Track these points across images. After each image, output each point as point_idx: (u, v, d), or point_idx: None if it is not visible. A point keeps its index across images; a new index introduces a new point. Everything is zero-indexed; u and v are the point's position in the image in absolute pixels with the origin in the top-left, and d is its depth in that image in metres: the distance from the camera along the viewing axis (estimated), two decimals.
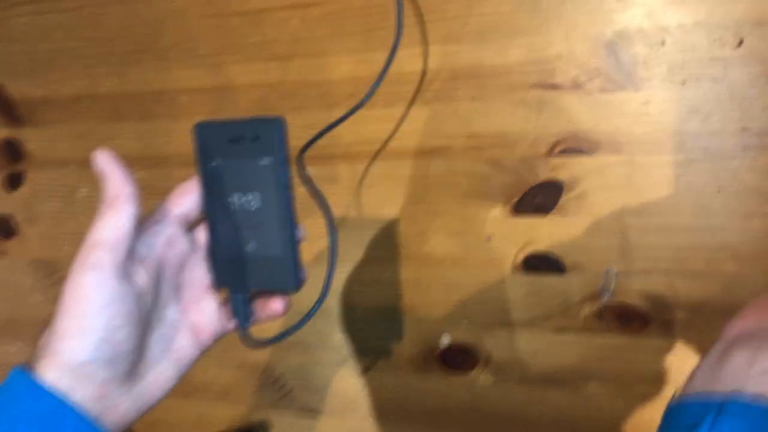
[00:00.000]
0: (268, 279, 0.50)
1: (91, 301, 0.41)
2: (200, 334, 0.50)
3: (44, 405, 0.40)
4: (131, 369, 0.44)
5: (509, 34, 0.70)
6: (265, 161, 0.47)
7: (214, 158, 0.48)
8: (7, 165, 0.95)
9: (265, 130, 0.47)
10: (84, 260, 0.42)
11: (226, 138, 0.48)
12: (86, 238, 0.43)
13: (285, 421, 0.88)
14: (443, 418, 0.81)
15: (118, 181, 0.45)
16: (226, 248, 0.50)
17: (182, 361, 0.49)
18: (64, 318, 0.42)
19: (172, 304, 0.49)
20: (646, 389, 0.72)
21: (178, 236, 0.48)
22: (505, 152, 0.72)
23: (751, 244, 0.66)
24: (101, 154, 0.46)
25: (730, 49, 0.64)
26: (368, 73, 0.76)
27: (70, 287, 0.42)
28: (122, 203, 0.44)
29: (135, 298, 0.44)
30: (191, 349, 0.50)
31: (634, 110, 0.67)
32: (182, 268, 0.49)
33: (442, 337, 0.79)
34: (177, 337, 0.49)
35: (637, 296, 0.70)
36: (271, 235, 0.49)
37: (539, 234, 0.73)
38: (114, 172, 0.45)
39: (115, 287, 0.42)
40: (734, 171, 0.65)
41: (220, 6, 0.81)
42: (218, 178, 0.49)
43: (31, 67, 0.91)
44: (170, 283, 0.49)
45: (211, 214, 0.49)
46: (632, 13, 0.66)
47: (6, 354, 1.01)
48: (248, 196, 0.48)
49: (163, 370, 0.48)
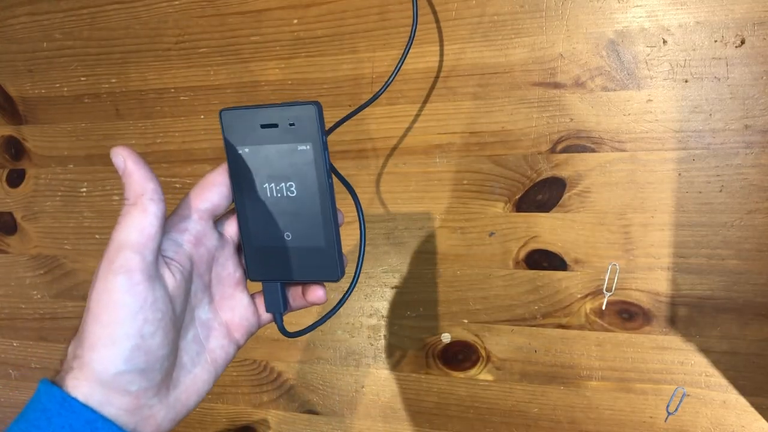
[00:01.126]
0: (310, 270, 0.48)
1: (122, 306, 0.39)
2: (234, 332, 0.48)
3: (77, 421, 0.38)
4: (166, 376, 0.42)
5: (512, 34, 0.70)
6: (303, 147, 0.45)
7: (245, 145, 0.46)
8: (8, 162, 0.95)
9: (302, 114, 0.45)
10: (111, 263, 0.40)
11: (258, 124, 0.46)
12: (111, 239, 0.41)
13: (285, 420, 0.88)
14: (443, 415, 0.81)
15: (141, 178, 0.41)
16: (261, 239, 0.48)
17: (217, 362, 0.47)
18: (93, 326, 0.39)
19: (204, 304, 0.47)
20: (648, 386, 0.72)
21: (206, 232, 0.46)
22: (508, 149, 0.72)
23: (754, 241, 0.66)
24: (119, 150, 0.42)
25: (732, 48, 0.64)
26: (368, 72, 0.76)
27: (97, 292, 0.40)
28: (147, 201, 0.41)
29: (166, 301, 0.41)
30: (226, 349, 0.48)
31: (637, 108, 0.68)
32: (212, 265, 0.47)
33: (442, 335, 0.79)
34: (211, 338, 0.47)
35: (639, 293, 0.71)
36: (311, 224, 0.47)
37: (541, 230, 0.73)
38: (136, 169, 0.42)
39: (145, 291, 0.40)
40: (737, 168, 0.66)
41: (220, 6, 0.81)
42: (250, 166, 0.47)
43: (31, 67, 0.91)
44: (201, 281, 0.46)
45: (243, 204, 0.47)
46: (634, 12, 0.66)
47: (6, 350, 1.01)
48: (284, 183, 0.46)
49: (199, 373, 0.46)
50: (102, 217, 0.91)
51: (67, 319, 0.96)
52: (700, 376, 0.70)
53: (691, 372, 0.70)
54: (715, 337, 0.69)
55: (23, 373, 1.00)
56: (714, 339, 0.69)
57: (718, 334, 0.69)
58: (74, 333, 0.41)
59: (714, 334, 0.69)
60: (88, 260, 0.93)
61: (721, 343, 0.69)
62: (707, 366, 0.70)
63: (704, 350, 0.70)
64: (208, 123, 0.84)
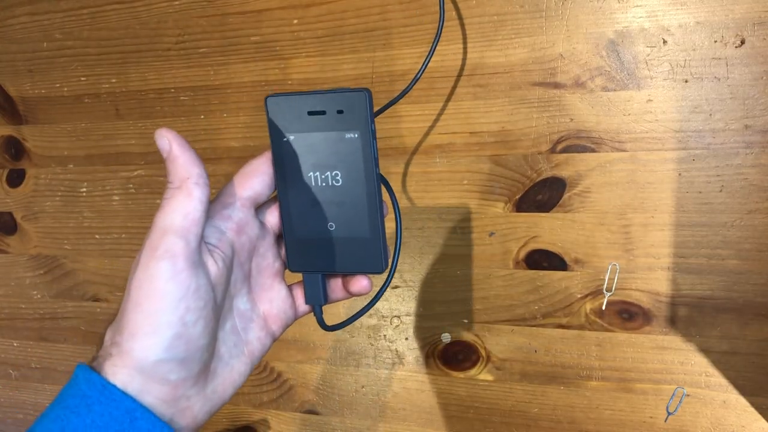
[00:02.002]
0: (353, 261, 0.47)
1: (165, 294, 0.38)
2: (271, 324, 0.48)
3: (117, 410, 0.37)
4: (204, 367, 0.42)
5: (512, 34, 0.70)
6: (351, 135, 0.44)
7: (290, 132, 0.45)
8: (8, 162, 0.95)
9: (351, 102, 0.44)
10: (154, 248, 0.38)
11: (305, 110, 0.45)
12: (154, 224, 0.39)
13: (285, 420, 0.88)
14: (443, 415, 0.81)
15: (186, 161, 0.40)
16: (303, 230, 0.47)
17: (254, 354, 0.46)
18: (134, 313, 0.38)
19: (243, 294, 0.46)
20: (648, 386, 0.72)
21: (248, 220, 0.45)
22: (508, 149, 0.72)
23: (754, 241, 0.66)
24: (164, 132, 0.41)
25: (732, 48, 0.64)
26: (368, 72, 0.76)
27: (139, 278, 0.38)
28: (193, 185, 0.40)
29: (209, 289, 0.40)
30: (263, 341, 0.47)
31: (637, 108, 0.68)
32: (252, 255, 0.46)
33: (442, 335, 0.79)
34: (248, 329, 0.46)
35: (639, 292, 0.71)
36: (356, 214, 0.46)
37: (541, 230, 0.73)
38: (181, 152, 0.41)
39: (189, 278, 0.38)
40: (737, 168, 0.66)
41: (220, 6, 0.81)
42: (295, 154, 0.46)
43: (31, 67, 0.91)
44: (241, 270, 0.46)
45: (286, 193, 0.46)
46: (634, 12, 0.66)
47: (6, 350, 1.01)
48: (330, 172, 0.45)
49: (236, 365, 0.45)
50: (102, 217, 0.91)
51: (67, 319, 0.96)
52: (700, 376, 0.70)
53: (691, 372, 0.70)
54: (715, 337, 0.69)
55: (23, 373, 1.00)
56: (714, 339, 0.69)
57: (718, 334, 0.69)
58: (111, 319, 0.40)
59: (714, 334, 0.69)
60: (88, 260, 0.93)
61: (721, 343, 0.69)
62: (707, 366, 0.70)
63: (704, 350, 0.70)
64: (208, 123, 0.84)
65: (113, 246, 0.91)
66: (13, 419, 1.03)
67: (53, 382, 0.99)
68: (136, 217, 0.89)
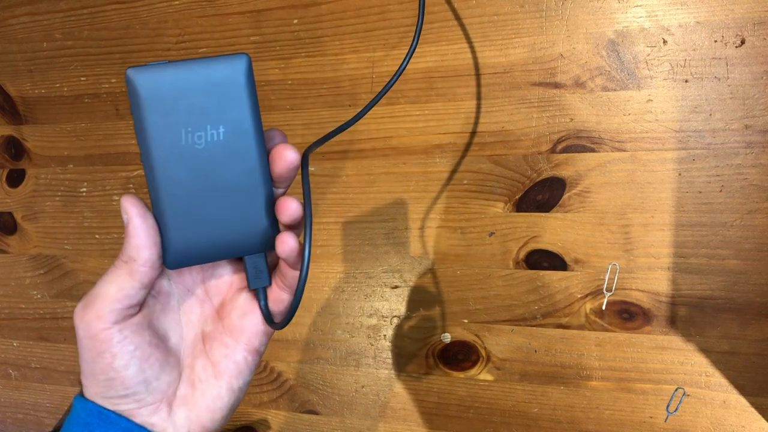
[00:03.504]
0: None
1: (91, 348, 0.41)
2: (240, 336, 0.46)
3: (116, 429, 0.41)
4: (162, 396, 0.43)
5: (512, 34, 0.70)
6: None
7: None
8: (8, 162, 0.95)
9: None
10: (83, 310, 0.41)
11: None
12: (94, 286, 0.42)
13: (285, 420, 0.88)
14: (443, 415, 0.81)
15: (138, 244, 0.40)
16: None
17: (228, 372, 0.45)
18: (80, 360, 0.42)
19: (206, 316, 0.46)
20: (648, 386, 0.72)
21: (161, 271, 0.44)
22: (508, 149, 0.72)
23: (754, 241, 0.66)
24: (127, 205, 0.41)
25: (732, 48, 0.64)
26: (368, 72, 0.76)
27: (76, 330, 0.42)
28: (138, 267, 0.41)
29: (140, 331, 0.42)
30: (234, 357, 0.46)
31: (637, 108, 0.68)
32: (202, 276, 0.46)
33: (442, 335, 0.79)
34: (214, 349, 0.46)
35: (639, 293, 0.71)
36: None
37: (541, 230, 0.73)
38: (136, 232, 0.40)
39: (111, 334, 0.40)
40: (737, 168, 0.66)
41: (220, 6, 0.81)
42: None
43: (31, 67, 0.91)
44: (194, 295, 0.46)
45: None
46: (634, 12, 0.67)
47: (6, 350, 1.01)
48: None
49: (208, 389, 0.45)
50: (102, 217, 0.91)
51: (67, 319, 0.96)
52: (700, 376, 0.70)
53: (691, 372, 0.70)
54: (715, 337, 0.69)
55: (23, 373, 1.00)
56: (714, 339, 0.69)
57: (718, 334, 0.69)
58: None
59: (714, 334, 0.69)
60: (88, 260, 0.93)
61: (721, 343, 0.69)
62: (707, 366, 0.70)
63: (704, 350, 0.70)
64: None
65: (113, 246, 0.91)
66: (13, 419, 1.03)
67: (53, 382, 0.99)
68: None
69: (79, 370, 0.97)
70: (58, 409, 1.00)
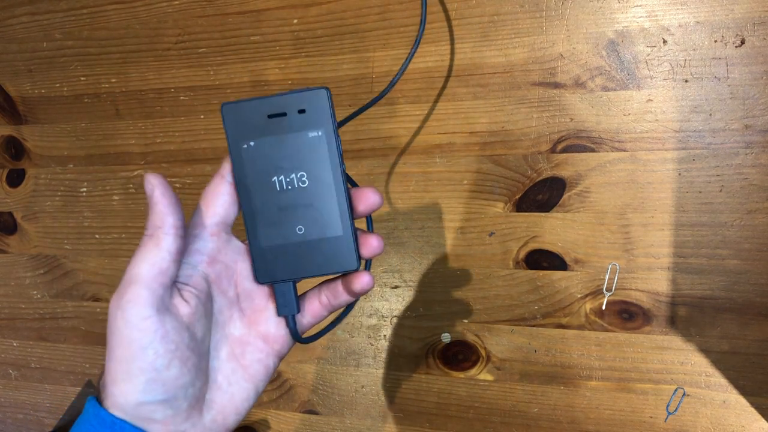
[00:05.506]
0: (325, 262, 0.46)
1: (131, 342, 0.39)
2: (273, 344, 0.47)
3: None
4: (195, 401, 0.42)
5: (512, 34, 0.70)
6: (315, 133, 0.44)
7: (250, 138, 0.44)
8: (8, 162, 0.95)
9: (312, 100, 0.44)
10: (120, 297, 0.40)
11: (264, 114, 0.44)
12: (125, 272, 0.41)
13: (285, 420, 0.88)
14: (443, 415, 0.81)
15: (163, 210, 0.41)
16: (270, 237, 0.46)
17: (257, 376, 0.46)
18: (110, 360, 0.40)
19: (235, 319, 0.46)
20: (648, 386, 0.72)
21: (220, 247, 0.45)
22: (508, 149, 0.72)
23: (754, 241, 0.66)
24: (151, 177, 0.41)
25: (732, 48, 0.64)
26: (368, 72, 0.76)
27: (109, 328, 0.40)
28: (163, 235, 0.41)
29: (180, 331, 0.41)
30: (265, 362, 0.46)
31: (637, 108, 0.68)
32: (235, 279, 0.46)
33: (442, 335, 0.79)
34: (246, 353, 0.46)
35: (639, 293, 0.71)
36: (325, 213, 0.45)
37: (541, 230, 0.73)
38: (161, 199, 0.41)
39: (154, 324, 0.39)
40: (737, 168, 0.66)
41: (220, 6, 0.81)
42: (256, 160, 0.45)
43: (31, 67, 0.91)
44: (224, 297, 0.46)
45: (250, 202, 0.45)
46: (634, 12, 0.67)
47: (6, 350, 1.01)
48: (295, 174, 0.45)
49: (237, 391, 0.45)
50: (102, 217, 0.91)
51: (67, 319, 0.96)
52: (700, 376, 0.70)
53: (691, 372, 0.70)
54: (715, 337, 0.69)
55: (23, 373, 1.00)
56: (714, 339, 0.69)
57: (718, 334, 0.69)
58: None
59: (714, 334, 0.69)
60: (88, 260, 0.93)
61: (721, 343, 0.69)
62: (707, 366, 0.70)
63: (704, 350, 0.70)
64: (208, 123, 0.84)
65: (113, 246, 0.91)
66: (13, 419, 1.03)
67: (53, 382, 0.99)
68: (136, 217, 0.89)
69: (79, 369, 0.97)
70: (58, 408, 1.00)
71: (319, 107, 0.44)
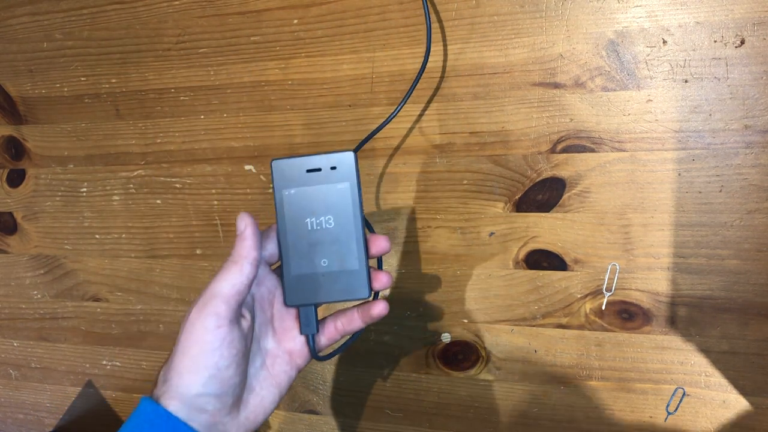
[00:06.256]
0: (342, 290, 0.55)
1: (205, 343, 0.49)
2: (296, 358, 0.57)
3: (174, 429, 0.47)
4: (237, 399, 0.52)
5: (512, 34, 0.70)
6: (342, 185, 0.55)
7: (291, 187, 0.55)
8: (8, 162, 0.95)
9: (342, 160, 0.55)
10: (203, 307, 0.50)
11: (304, 169, 0.55)
12: (208, 287, 0.51)
13: (285, 420, 0.88)
14: (443, 415, 0.81)
15: (250, 245, 0.52)
16: (299, 267, 0.55)
17: (281, 384, 0.56)
18: (181, 356, 0.49)
19: (269, 335, 0.56)
20: (648, 386, 0.72)
21: (265, 275, 0.56)
22: (508, 149, 0.72)
23: (754, 241, 0.66)
24: (245, 217, 0.53)
25: (732, 48, 0.64)
26: (368, 72, 0.76)
27: (188, 329, 0.50)
28: (247, 264, 0.51)
29: (242, 339, 0.51)
30: (289, 373, 0.56)
31: (637, 108, 0.68)
32: (273, 302, 0.57)
33: (442, 335, 0.79)
34: (275, 365, 0.56)
35: (639, 293, 0.71)
36: (346, 249, 0.55)
37: (541, 230, 0.73)
38: (250, 236, 0.52)
39: (226, 333, 0.49)
40: (737, 168, 0.66)
41: (220, 6, 0.81)
42: (294, 204, 0.55)
43: (31, 67, 0.91)
44: (263, 315, 0.56)
45: (286, 238, 0.55)
46: (634, 12, 0.67)
47: (6, 350, 1.01)
48: (324, 217, 0.55)
49: (266, 395, 0.55)
50: (102, 217, 0.91)
51: (67, 319, 0.96)
52: (700, 376, 0.70)
53: (691, 372, 0.71)
54: (715, 337, 0.69)
55: (23, 373, 1.01)
56: (714, 339, 0.69)
57: (718, 334, 0.69)
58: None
59: (714, 334, 0.69)
60: (88, 260, 0.93)
61: (721, 343, 0.69)
62: (707, 366, 0.70)
63: (704, 350, 0.70)
64: (208, 123, 0.84)
65: (113, 246, 0.91)
66: (13, 419, 1.03)
67: (53, 382, 0.99)
68: (136, 217, 0.90)
69: (79, 369, 0.97)
70: (59, 408, 1.00)
71: (347, 165, 0.55)
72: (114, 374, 0.96)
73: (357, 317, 0.58)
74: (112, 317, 0.93)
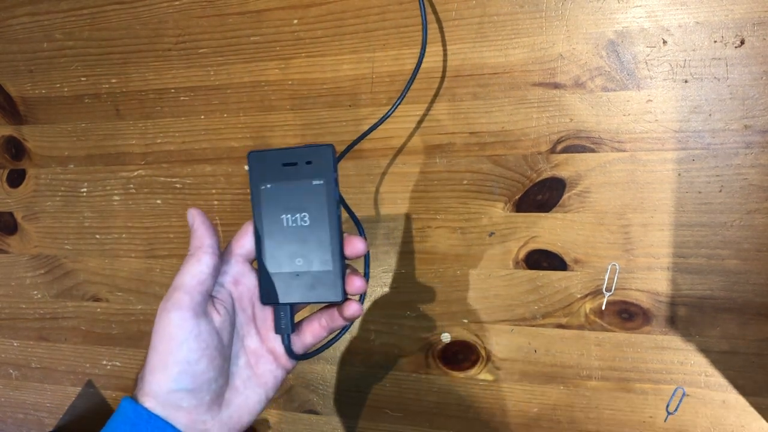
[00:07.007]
0: (316, 292, 0.53)
1: (172, 338, 0.48)
2: (280, 359, 0.55)
3: (154, 428, 0.47)
4: (216, 397, 0.50)
5: (512, 34, 0.70)
6: (318, 182, 0.52)
7: (267, 182, 0.53)
8: (9, 162, 0.95)
9: (318, 154, 0.52)
10: (166, 301, 0.49)
11: (280, 163, 0.52)
12: (172, 283, 0.50)
13: (285, 420, 0.88)
14: (443, 415, 0.81)
15: (202, 235, 0.51)
16: (275, 266, 0.53)
17: (268, 384, 0.54)
18: (152, 354, 0.48)
19: (252, 334, 0.55)
20: (648, 386, 0.72)
21: (244, 272, 0.54)
22: (508, 149, 0.72)
23: (754, 241, 0.66)
24: (193, 211, 0.52)
25: (732, 48, 0.64)
26: (368, 72, 0.76)
27: (156, 327, 0.49)
28: (202, 254, 0.50)
29: (212, 333, 0.49)
30: (274, 373, 0.55)
31: (636, 108, 0.68)
32: (253, 300, 0.55)
33: (442, 335, 0.79)
34: (260, 364, 0.54)
35: (639, 293, 0.71)
36: (320, 250, 0.52)
37: (541, 230, 0.73)
38: (200, 226, 0.51)
39: (192, 325, 0.48)
40: (736, 168, 0.66)
41: (220, 6, 0.81)
42: (270, 200, 0.53)
43: (31, 67, 0.91)
44: (244, 314, 0.54)
45: (262, 233, 0.53)
46: (634, 13, 0.67)
47: (6, 350, 1.01)
48: (299, 214, 0.52)
49: (251, 394, 0.53)
50: (102, 217, 0.91)
51: (67, 319, 0.96)
52: (700, 376, 0.70)
53: (690, 372, 0.71)
54: (714, 337, 0.69)
55: (24, 373, 1.01)
56: (714, 339, 0.69)
57: (718, 334, 0.69)
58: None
59: (714, 334, 0.69)
60: (88, 260, 0.93)
61: (721, 343, 0.69)
62: (707, 366, 0.70)
63: (704, 350, 0.70)
64: (208, 123, 0.84)
65: (113, 246, 0.92)
66: (13, 419, 1.03)
67: (53, 382, 0.99)
68: (136, 217, 0.90)
69: (79, 369, 0.97)
70: (59, 408, 1.00)
71: (324, 160, 0.52)
72: (114, 374, 0.96)
73: (338, 315, 0.56)
74: (112, 317, 0.93)
